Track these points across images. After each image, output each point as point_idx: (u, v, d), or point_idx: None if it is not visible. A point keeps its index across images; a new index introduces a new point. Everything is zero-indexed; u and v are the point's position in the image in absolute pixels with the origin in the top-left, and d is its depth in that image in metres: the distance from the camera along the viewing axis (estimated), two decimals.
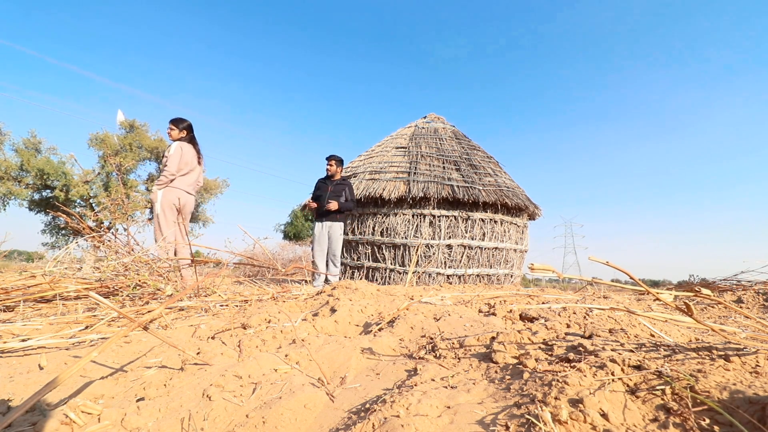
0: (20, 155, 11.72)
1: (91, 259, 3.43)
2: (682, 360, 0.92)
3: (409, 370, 1.19)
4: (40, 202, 12.50)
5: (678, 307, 1.02)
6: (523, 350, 1.17)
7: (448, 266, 5.47)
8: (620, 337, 1.21)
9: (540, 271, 0.92)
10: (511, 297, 2.52)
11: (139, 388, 1.05)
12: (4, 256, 3.99)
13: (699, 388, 0.77)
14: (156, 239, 3.30)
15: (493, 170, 6.40)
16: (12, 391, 0.98)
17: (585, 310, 1.68)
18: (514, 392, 0.91)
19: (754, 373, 0.83)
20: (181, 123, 3.58)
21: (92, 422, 0.85)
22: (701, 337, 1.43)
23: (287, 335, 1.52)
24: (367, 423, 0.80)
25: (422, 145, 6.60)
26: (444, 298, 2.29)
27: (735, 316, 2.15)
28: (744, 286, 3.13)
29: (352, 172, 6.37)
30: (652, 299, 2.74)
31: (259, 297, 2.40)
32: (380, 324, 1.66)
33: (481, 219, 5.64)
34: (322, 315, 1.82)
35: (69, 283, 2.07)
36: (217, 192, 15.65)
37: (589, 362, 0.94)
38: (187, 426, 0.87)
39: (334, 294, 2.29)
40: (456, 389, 0.96)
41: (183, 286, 2.46)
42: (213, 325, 1.72)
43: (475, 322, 1.63)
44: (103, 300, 0.92)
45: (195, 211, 15.50)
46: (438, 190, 5.47)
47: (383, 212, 5.65)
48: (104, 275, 2.26)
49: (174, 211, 3.44)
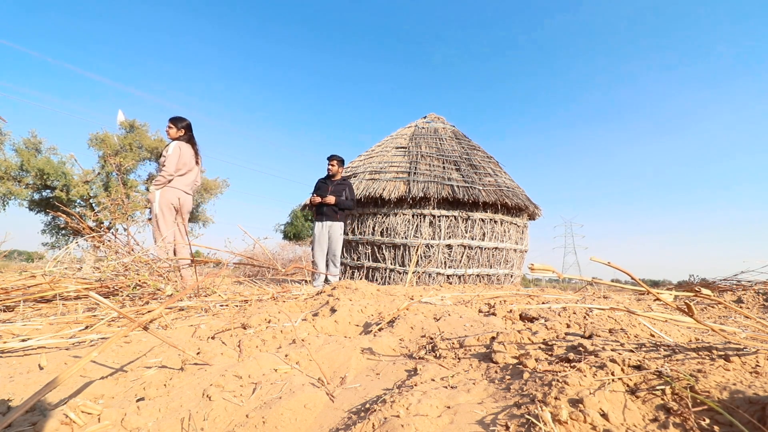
0: (20, 155, 11.72)
1: (91, 259, 3.43)
2: (682, 360, 0.92)
3: (409, 370, 1.19)
4: (40, 202, 12.51)
5: (678, 307, 1.02)
6: (523, 350, 1.17)
7: (448, 266, 5.47)
8: (620, 337, 1.21)
9: (540, 271, 0.92)
10: (511, 297, 2.52)
11: (139, 388, 1.05)
12: (4, 256, 3.99)
13: (699, 388, 0.77)
14: (155, 239, 3.30)
15: (493, 170, 6.40)
16: (12, 391, 0.98)
17: (585, 310, 1.68)
18: (514, 392, 0.91)
19: (754, 373, 0.83)
20: (181, 122, 3.57)
21: (92, 422, 0.85)
22: (701, 337, 1.43)
23: (287, 335, 1.52)
24: (367, 423, 0.80)
25: (422, 145, 6.61)
26: (444, 298, 2.29)
27: (735, 316, 2.15)
28: (744, 286, 3.13)
29: (352, 172, 6.37)
30: (652, 299, 2.74)
31: (259, 297, 2.40)
32: (380, 324, 1.66)
33: (481, 219, 5.64)
34: (322, 315, 1.82)
35: (69, 283, 2.07)
36: (217, 192, 15.65)
37: (589, 362, 0.94)
38: (187, 426, 0.87)
39: (334, 294, 2.29)
40: (456, 389, 0.96)
41: (183, 286, 2.46)
42: (213, 325, 1.72)
43: (475, 322, 1.63)
44: (103, 300, 0.92)
45: (195, 210, 15.50)
46: (438, 190, 5.47)
47: (383, 212, 5.65)
48: (104, 275, 2.26)
49: (172, 210, 3.44)
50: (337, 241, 4.30)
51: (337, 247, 4.30)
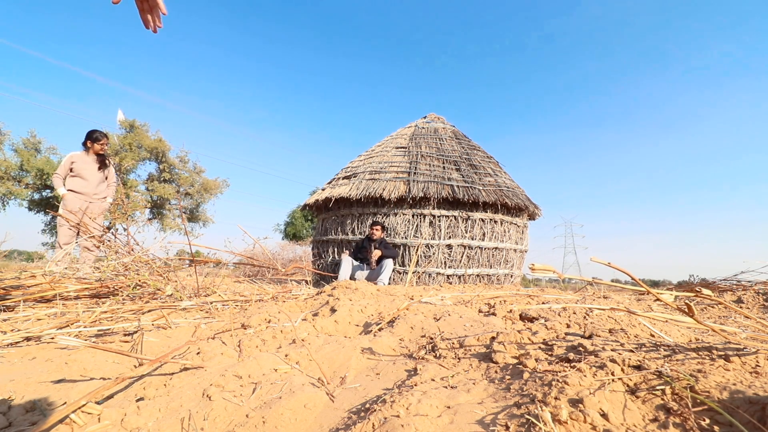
0: (20, 155, 11.72)
1: (91, 259, 3.43)
2: (682, 360, 0.92)
3: (409, 370, 1.19)
4: (40, 202, 12.51)
5: (678, 307, 1.02)
6: (523, 350, 1.17)
7: (448, 266, 5.47)
8: (620, 337, 1.21)
9: (540, 271, 0.92)
10: (511, 297, 2.51)
11: (139, 387, 1.05)
12: (4, 256, 3.99)
13: (699, 388, 0.77)
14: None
15: (493, 170, 6.39)
16: (12, 390, 0.98)
17: (585, 310, 1.68)
18: (514, 392, 0.90)
19: (754, 373, 0.83)
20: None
21: (92, 422, 0.85)
22: (701, 337, 1.43)
23: (287, 335, 1.52)
24: (367, 423, 0.80)
25: (422, 145, 6.60)
26: (444, 298, 2.29)
27: (735, 316, 2.15)
28: (744, 286, 3.13)
29: (352, 172, 6.36)
30: (652, 299, 2.74)
31: (259, 297, 2.40)
32: (380, 324, 1.66)
33: (481, 219, 5.63)
34: (322, 315, 1.82)
35: (69, 283, 2.07)
36: (217, 192, 15.63)
37: (589, 362, 0.94)
38: (187, 426, 0.87)
39: (334, 294, 2.29)
40: (456, 389, 0.96)
41: (183, 286, 2.46)
42: (213, 325, 1.72)
43: (475, 322, 1.63)
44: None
45: (195, 210, 15.51)
46: (438, 190, 5.47)
47: (383, 212, 5.65)
48: (104, 275, 2.26)
49: None
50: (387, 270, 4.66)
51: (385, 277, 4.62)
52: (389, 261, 4.57)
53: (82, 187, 3.69)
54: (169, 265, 2.58)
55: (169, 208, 14.67)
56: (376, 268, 4.57)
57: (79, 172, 3.68)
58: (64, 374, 1.10)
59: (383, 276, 4.44)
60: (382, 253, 4.59)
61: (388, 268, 4.52)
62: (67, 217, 3.44)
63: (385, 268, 4.49)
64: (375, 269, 4.58)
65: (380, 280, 4.40)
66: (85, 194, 3.70)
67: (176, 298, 2.13)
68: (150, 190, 13.92)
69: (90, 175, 3.73)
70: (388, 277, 4.57)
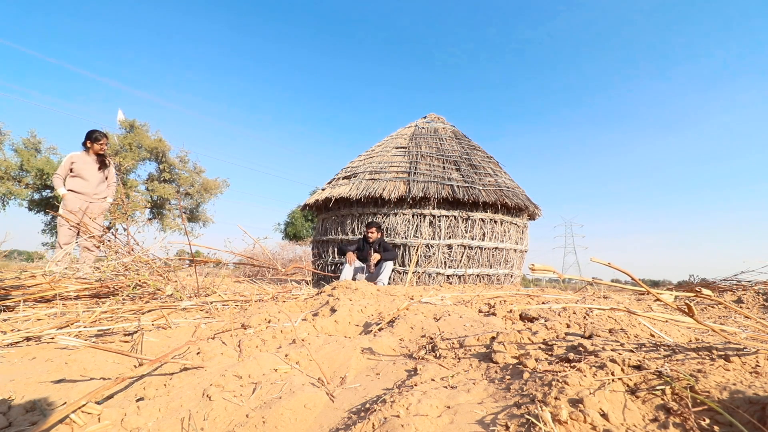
0: (20, 155, 11.71)
1: (90, 259, 3.42)
2: (682, 360, 0.92)
3: (409, 370, 1.19)
4: (39, 202, 12.50)
5: (678, 307, 1.02)
6: (523, 350, 1.17)
7: (448, 266, 5.47)
8: (620, 337, 1.21)
9: (540, 271, 0.92)
10: (511, 297, 2.51)
11: (139, 387, 1.05)
12: (4, 256, 3.99)
13: (699, 388, 0.77)
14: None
15: (493, 170, 6.39)
16: (12, 390, 0.98)
17: (585, 310, 1.68)
18: (514, 392, 0.90)
19: (754, 373, 0.83)
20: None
21: (92, 422, 0.85)
22: (701, 337, 1.43)
23: (287, 335, 1.52)
24: (367, 423, 0.80)
25: (422, 145, 6.60)
26: (444, 298, 2.29)
27: (735, 316, 2.15)
28: (744, 286, 3.13)
29: (352, 172, 6.36)
30: (652, 299, 2.74)
31: (259, 297, 2.40)
32: (380, 324, 1.66)
33: (481, 219, 5.63)
34: (322, 315, 1.82)
35: (69, 283, 2.07)
36: (217, 192, 15.63)
37: (589, 362, 0.94)
38: (187, 426, 0.87)
39: (334, 294, 2.29)
40: (456, 389, 0.96)
41: (183, 286, 2.46)
42: (213, 325, 1.72)
43: (475, 322, 1.63)
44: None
45: (195, 210, 15.51)
46: (438, 190, 5.47)
47: (383, 212, 5.65)
48: (104, 275, 2.26)
49: None
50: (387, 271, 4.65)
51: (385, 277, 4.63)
52: (389, 261, 4.58)
53: (82, 187, 3.69)
54: (169, 265, 2.58)
55: (169, 208, 14.67)
56: (376, 269, 4.57)
57: (79, 172, 3.68)
58: (64, 374, 1.10)
59: (383, 276, 4.44)
60: (381, 257, 4.59)
61: (388, 268, 4.51)
62: (67, 217, 3.44)
63: (384, 268, 4.49)
64: (374, 271, 4.60)
65: (380, 280, 4.40)
66: (85, 194, 3.70)
67: (176, 298, 2.13)
68: (150, 190, 13.92)
69: (90, 175, 3.73)
70: (388, 277, 4.57)
